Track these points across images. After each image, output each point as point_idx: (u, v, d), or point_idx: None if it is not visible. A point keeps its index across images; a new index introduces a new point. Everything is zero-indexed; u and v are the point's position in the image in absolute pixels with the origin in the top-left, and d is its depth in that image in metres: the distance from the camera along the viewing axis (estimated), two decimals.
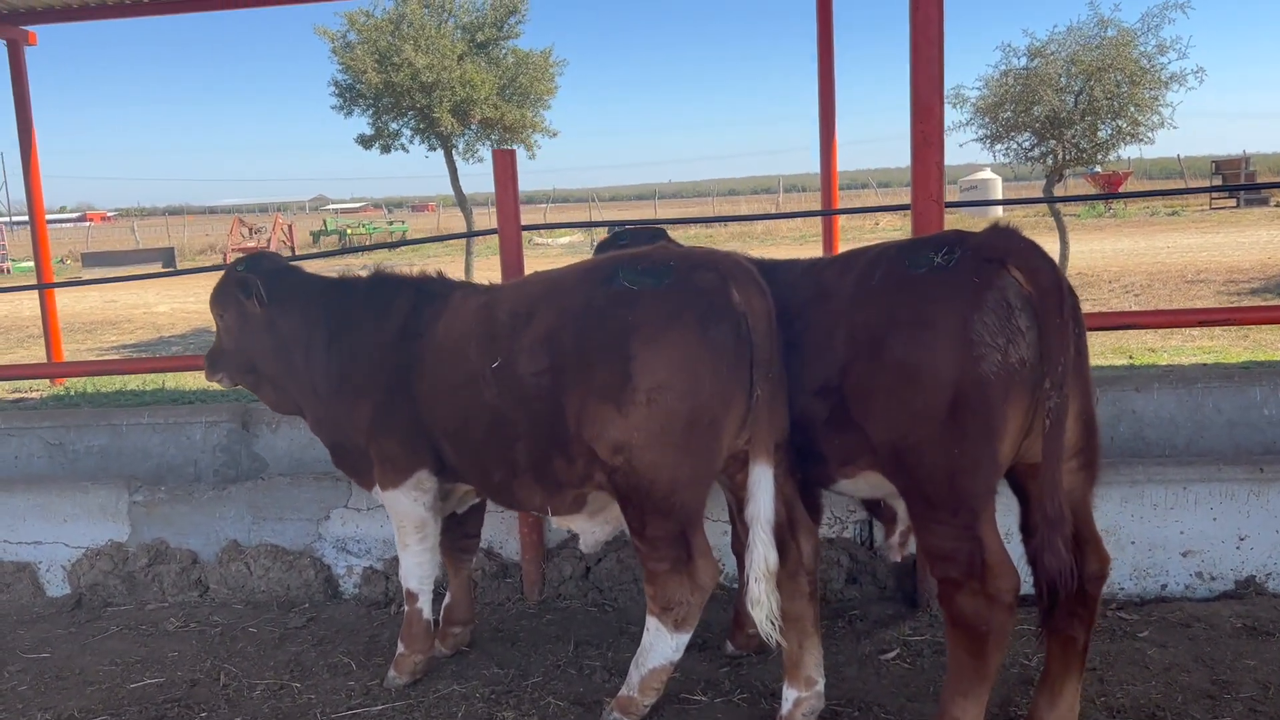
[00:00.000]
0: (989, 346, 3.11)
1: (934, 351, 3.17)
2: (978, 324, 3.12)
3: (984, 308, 3.13)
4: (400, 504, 4.26)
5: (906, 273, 3.31)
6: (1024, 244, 3.22)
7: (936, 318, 3.18)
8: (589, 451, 3.65)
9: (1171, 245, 23.83)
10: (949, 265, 3.23)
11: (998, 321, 3.12)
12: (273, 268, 4.61)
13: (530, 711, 4.03)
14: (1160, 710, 3.78)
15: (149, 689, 4.44)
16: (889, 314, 3.29)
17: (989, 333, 3.11)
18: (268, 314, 4.48)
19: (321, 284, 4.56)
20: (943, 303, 3.19)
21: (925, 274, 3.25)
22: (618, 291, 3.62)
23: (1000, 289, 3.14)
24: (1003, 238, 3.27)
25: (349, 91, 18.31)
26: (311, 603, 5.34)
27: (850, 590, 5.01)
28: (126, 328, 19.38)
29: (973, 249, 3.24)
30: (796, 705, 3.68)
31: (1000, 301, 3.13)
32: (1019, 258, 3.18)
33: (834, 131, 9.19)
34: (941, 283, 3.22)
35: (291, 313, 4.45)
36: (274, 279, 4.51)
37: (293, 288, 4.51)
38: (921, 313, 3.22)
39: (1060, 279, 3.14)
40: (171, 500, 5.54)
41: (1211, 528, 4.78)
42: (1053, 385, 3.09)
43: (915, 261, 3.30)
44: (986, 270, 3.17)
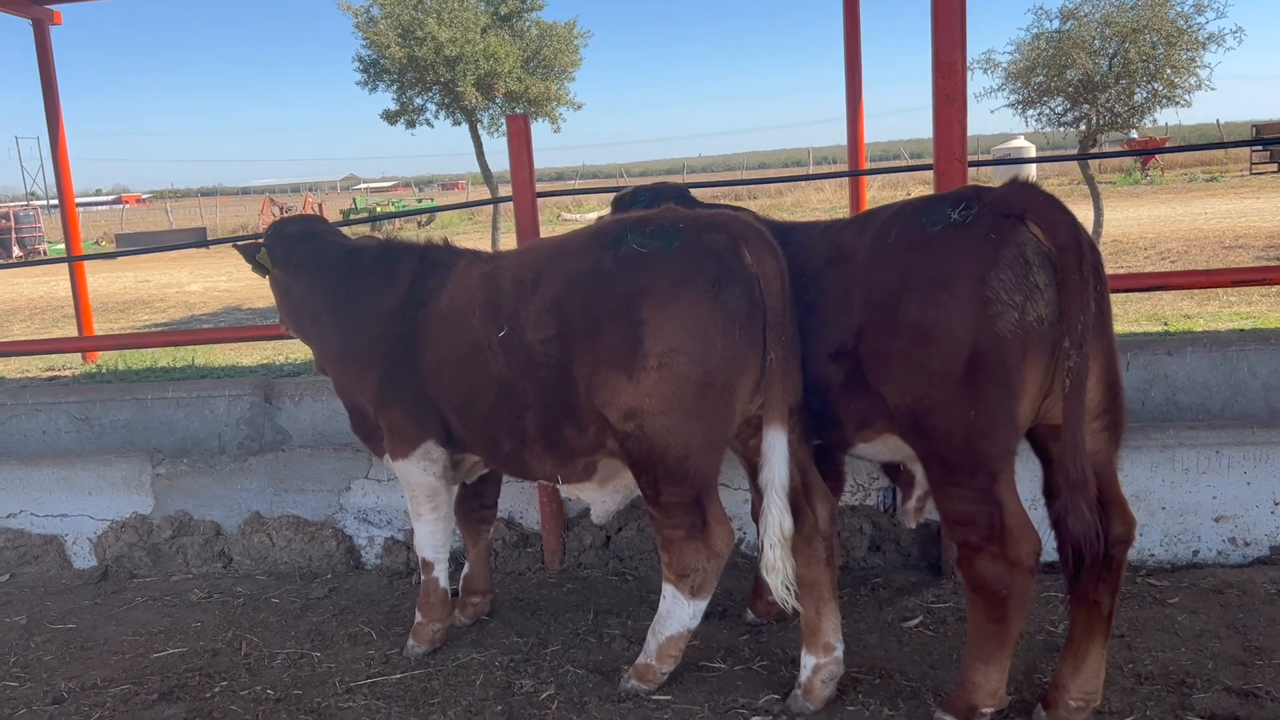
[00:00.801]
0: (1006, 304, 3.02)
1: (949, 310, 3.08)
2: (994, 281, 3.02)
3: (1001, 264, 3.03)
4: (410, 474, 4.24)
5: (922, 230, 3.21)
6: (1043, 199, 3.11)
7: (952, 276, 3.09)
8: (600, 418, 3.60)
9: (1210, 211, 23.38)
10: (965, 222, 3.13)
11: (1015, 278, 3.02)
12: (296, 232, 4.57)
13: (549, 679, 4.01)
14: (1190, 677, 3.69)
15: (171, 658, 4.47)
16: (904, 273, 3.20)
17: (1006, 290, 3.01)
18: (284, 279, 4.52)
19: (336, 251, 4.51)
20: (958, 260, 3.09)
21: (941, 231, 3.16)
22: (626, 255, 3.54)
23: (1018, 245, 3.04)
24: (1021, 192, 3.16)
25: (373, 67, 18.29)
26: (333, 573, 5.35)
27: (873, 558, 4.95)
28: (159, 306, 19.58)
29: (990, 204, 3.14)
30: (815, 672, 3.63)
31: (1018, 258, 3.03)
32: (1037, 213, 3.07)
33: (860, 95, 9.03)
34: (957, 239, 3.12)
35: (303, 279, 4.46)
36: (289, 244, 4.49)
37: (307, 254, 4.48)
38: (937, 271, 3.12)
39: (1080, 234, 3.04)
40: (194, 472, 5.56)
41: (1245, 492, 4.66)
42: (1072, 344, 2.99)
43: (932, 218, 3.21)
44: (1004, 226, 3.07)
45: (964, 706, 3.37)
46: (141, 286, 23.58)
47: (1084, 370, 2.99)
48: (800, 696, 3.64)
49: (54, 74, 11.99)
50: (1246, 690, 3.57)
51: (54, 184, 12.57)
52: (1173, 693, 3.59)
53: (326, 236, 4.60)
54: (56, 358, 12.32)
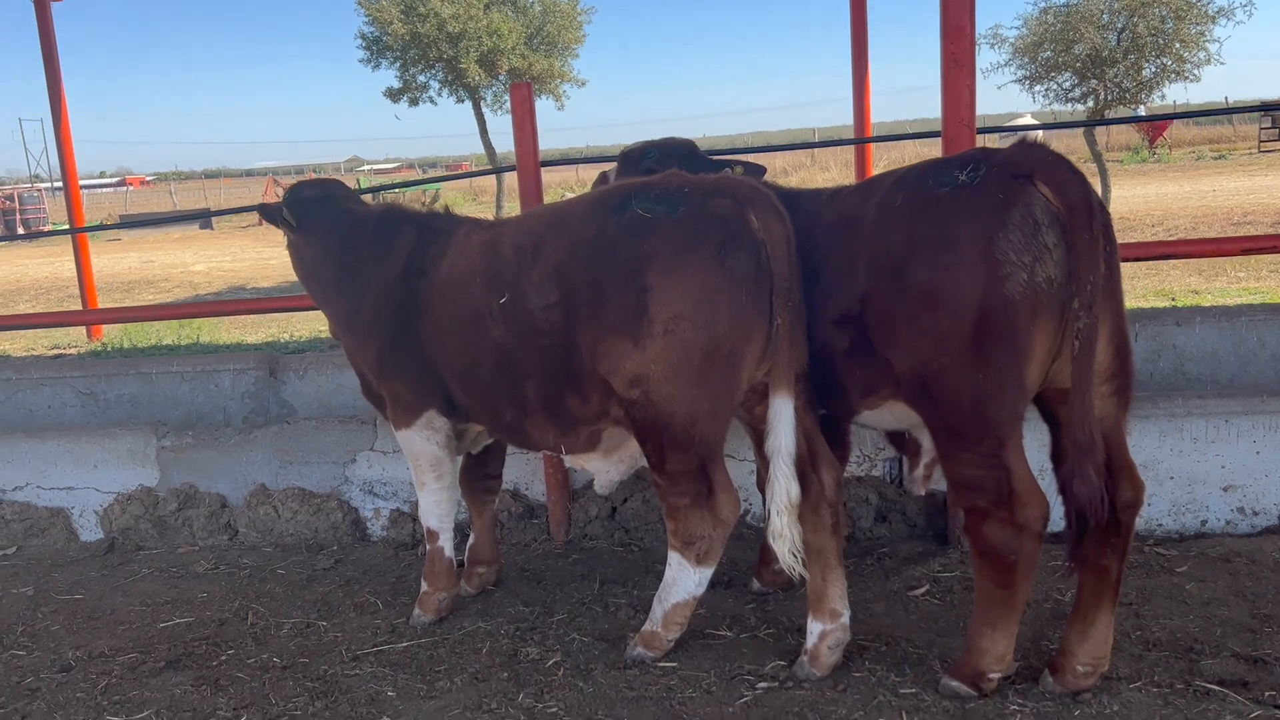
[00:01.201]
0: (1014, 265, 2.98)
1: (957, 272, 3.04)
2: (1002, 242, 2.98)
3: (1009, 225, 2.99)
4: (413, 443, 4.22)
5: (930, 192, 3.17)
6: (1052, 158, 3.07)
7: (959, 237, 3.05)
8: (604, 386, 3.58)
9: (1217, 189, 23.22)
10: (973, 183, 3.09)
11: (1023, 239, 2.98)
12: (312, 195, 4.54)
13: (555, 647, 4.01)
14: (1198, 643, 3.67)
15: (178, 628, 4.48)
16: (911, 235, 3.16)
17: (1014, 251, 2.98)
18: (297, 242, 4.50)
19: (345, 215, 4.47)
20: (966, 221, 3.05)
21: (949, 192, 3.12)
22: (631, 220, 3.51)
23: (1026, 205, 3.00)
24: (1030, 152, 3.12)
25: (376, 44, 18.25)
26: (339, 545, 5.35)
27: (879, 528, 4.93)
28: (164, 286, 19.57)
29: (998, 165, 3.10)
30: (822, 638, 3.62)
31: (1026, 218, 2.99)
32: (1046, 172, 3.03)
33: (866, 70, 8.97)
34: (965, 200, 3.08)
35: (314, 244, 4.44)
36: (304, 207, 4.46)
37: (319, 219, 4.45)
38: (944, 232, 3.09)
39: (1089, 194, 3.00)
40: (199, 445, 5.56)
41: (1254, 461, 4.63)
42: (1082, 305, 2.95)
43: (939, 180, 3.17)
44: (1012, 186, 3.03)
45: (971, 672, 3.36)
46: (146, 267, 23.56)
47: (1093, 332, 2.96)
48: (806, 663, 3.64)
49: (56, 55, 11.93)
50: (1255, 656, 3.55)
51: (57, 166, 12.55)
52: (1180, 659, 3.58)
53: (341, 202, 4.56)
54: (61, 335, 12.32)
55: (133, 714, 3.72)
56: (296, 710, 3.66)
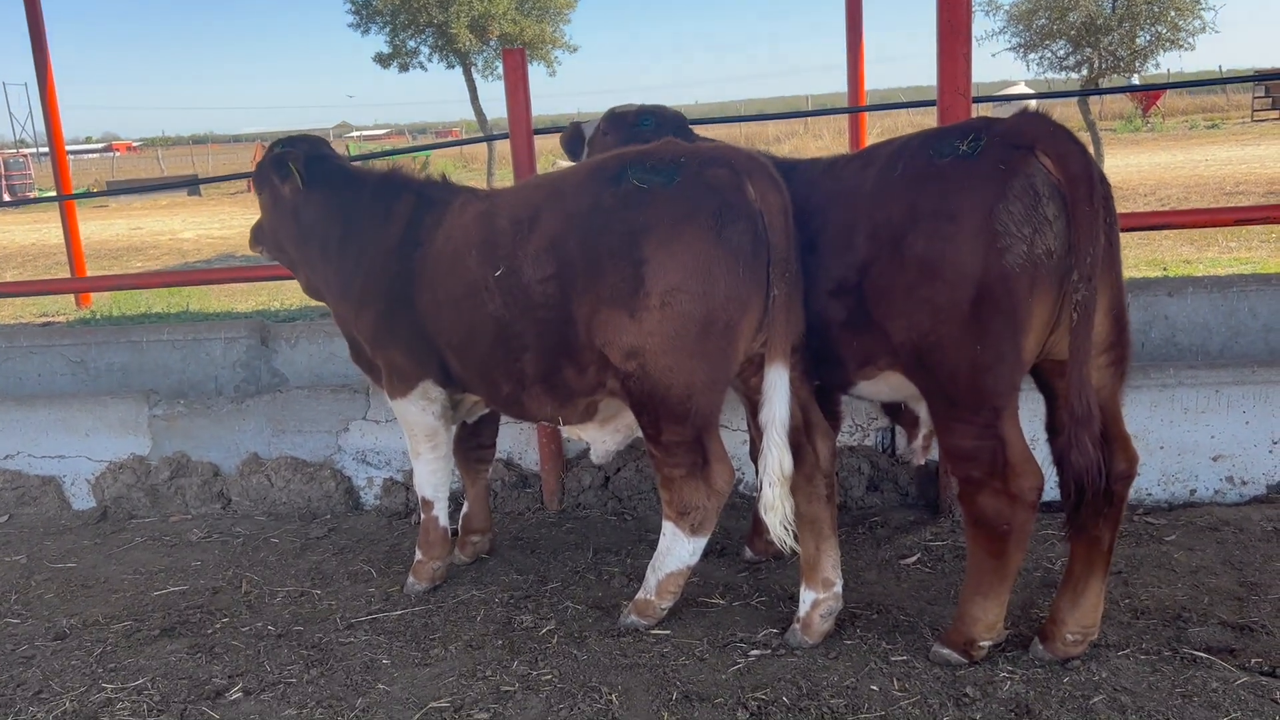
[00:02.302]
0: (1015, 237, 2.97)
1: (957, 243, 3.03)
2: (1003, 213, 2.97)
3: (1009, 196, 2.98)
4: (409, 413, 4.21)
5: (930, 162, 3.15)
6: (1053, 129, 3.05)
7: (959, 208, 3.04)
8: (601, 358, 3.57)
9: (1210, 158, 23.21)
10: (974, 153, 3.07)
11: (1024, 210, 2.97)
12: (309, 152, 4.44)
13: (548, 615, 4.03)
14: (1186, 611, 3.71)
15: (172, 596, 4.49)
16: (911, 206, 3.14)
17: (1015, 222, 2.97)
18: (294, 200, 4.37)
19: (345, 177, 4.40)
20: (966, 192, 3.04)
21: (949, 163, 3.10)
22: (626, 191, 3.48)
23: (1027, 176, 2.99)
24: (1031, 123, 3.10)
25: (365, 8, 18.03)
26: (332, 514, 5.36)
27: (871, 497, 4.96)
28: (152, 254, 19.45)
29: (999, 135, 3.08)
30: (814, 607, 3.65)
31: (1027, 189, 2.98)
32: (1048, 143, 3.02)
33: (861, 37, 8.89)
34: (965, 171, 3.06)
35: (314, 203, 4.34)
36: (308, 164, 4.36)
37: (318, 176, 4.36)
38: (944, 203, 3.07)
39: (1091, 165, 2.99)
40: (191, 414, 5.55)
41: (1243, 431, 4.66)
42: (1081, 277, 2.95)
43: (940, 150, 3.15)
44: (1013, 157, 3.01)
45: (962, 640, 3.39)
46: (134, 234, 23.40)
47: (1092, 303, 2.96)
48: (799, 631, 3.66)
49: (41, 20, 11.77)
50: (1241, 624, 3.59)
51: (43, 131, 12.42)
52: (1168, 626, 3.62)
53: (337, 161, 4.50)
54: (50, 304, 12.25)
55: (128, 682, 3.73)
56: (291, 678, 3.68)
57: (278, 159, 4.35)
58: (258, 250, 4.71)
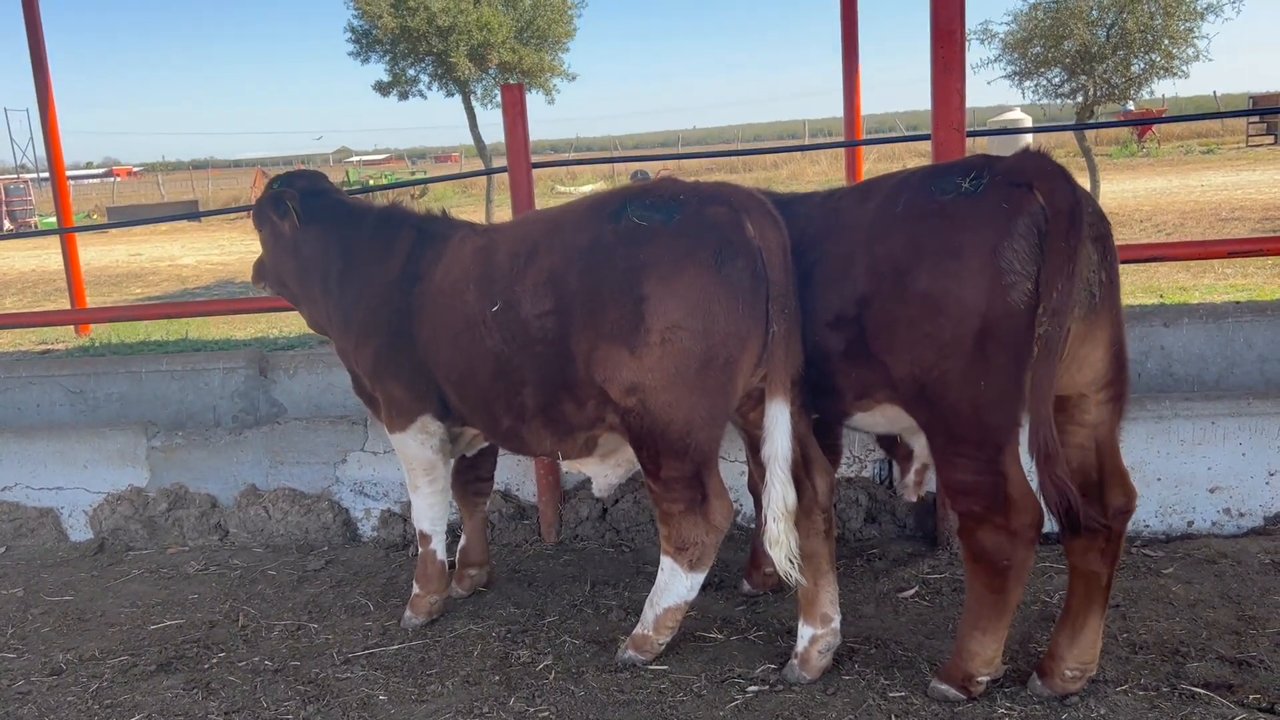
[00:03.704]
0: (1019, 275, 2.99)
1: (962, 281, 3.05)
2: (1008, 251, 2.99)
3: (1014, 234, 3.00)
4: (407, 447, 4.22)
5: (932, 199, 3.17)
6: (1051, 167, 3.08)
7: (964, 246, 3.06)
8: (600, 394, 3.59)
9: (1205, 184, 23.33)
10: (977, 191, 3.10)
11: (1028, 249, 2.99)
12: (306, 188, 4.49)
13: (546, 650, 4.02)
14: (1184, 645, 3.71)
15: (169, 630, 4.48)
16: (914, 242, 3.16)
17: (1020, 260, 2.99)
18: (293, 236, 4.41)
19: (344, 211, 4.44)
20: (971, 230, 3.06)
21: (952, 200, 3.13)
22: (626, 228, 3.51)
23: (1030, 215, 3.01)
24: (1030, 161, 3.13)
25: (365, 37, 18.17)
26: (330, 545, 5.36)
27: (869, 529, 4.96)
28: (152, 280, 19.50)
29: (1001, 174, 3.11)
30: (813, 642, 3.64)
31: (1031, 228, 3.00)
32: (1041, 180, 3.05)
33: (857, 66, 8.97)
34: (970, 209, 3.09)
35: (313, 238, 4.38)
36: (303, 200, 4.40)
37: (317, 212, 4.40)
38: (949, 240, 3.09)
39: (1076, 203, 3.00)
40: (189, 445, 5.55)
41: (1240, 463, 4.67)
42: (1046, 311, 2.97)
43: (941, 187, 3.17)
44: (1016, 195, 3.04)
45: (960, 675, 3.39)
46: (134, 260, 23.46)
47: (1056, 339, 2.96)
48: (797, 666, 3.66)
49: (43, 45, 11.84)
50: (1240, 659, 3.59)
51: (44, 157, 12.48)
52: (1167, 661, 3.61)
53: (337, 196, 4.55)
54: (49, 331, 12.25)
55: (124, 718, 3.71)
56: (288, 714, 3.66)
57: (275, 197, 4.39)
58: (260, 286, 4.74)
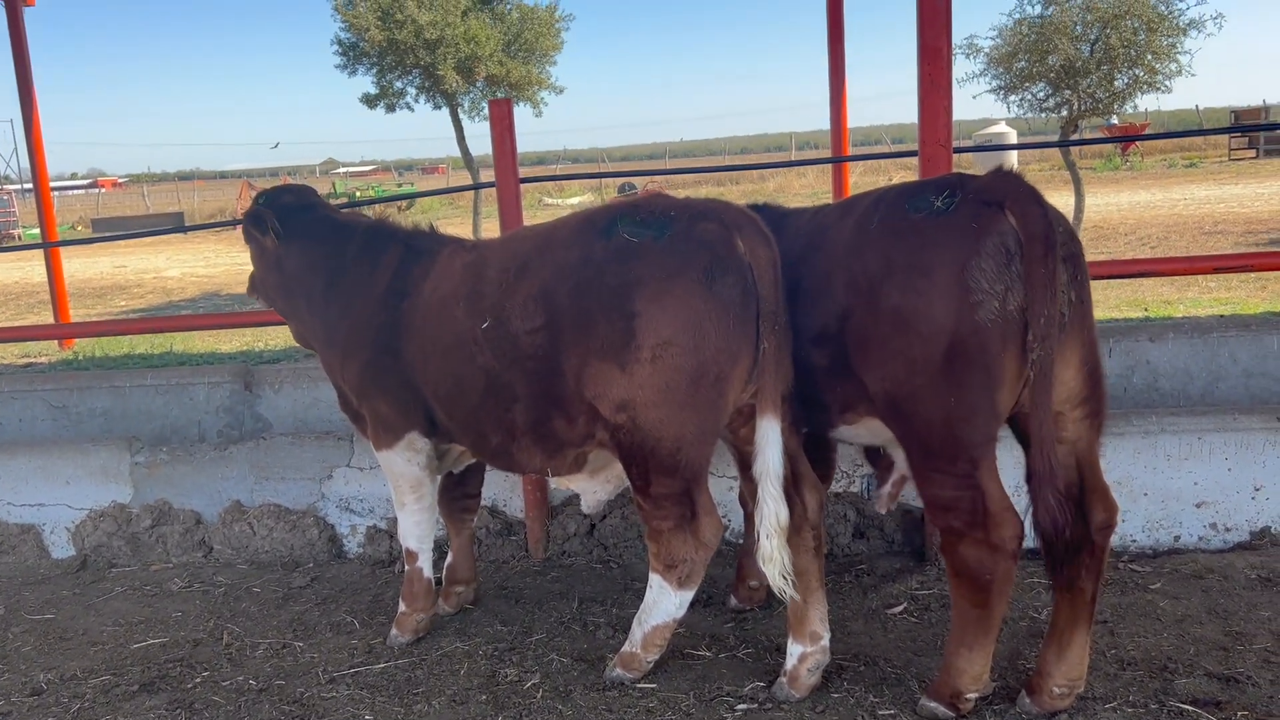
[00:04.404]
0: (987, 293, 3.02)
1: (930, 298, 3.08)
2: (975, 270, 3.03)
3: (982, 254, 3.03)
4: (394, 464, 4.20)
5: (905, 217, 3.21)
6: (1022, 189, 3.12)
7: (933, 263, 3.09)
8: (590, 410, 3.57)
9: (1189, 197, 23.52)
10: (949, 209, 3.12)
11: (996, 268, 3.02)
12: (290, 203, 4.49)
13: (533, 668, 4.00)
14: (1172, 662, 3.71)
15: (152, 649, 4.43)
16: (886, 259, 3.20)
17: (987, 279, 3.02)
18: (276, 252, 4.43)
19: (330, 227, 4.43)
20: (940, 248, 3.09)
21: (924, 218, 3.15)
22: (617, 245, 3.50)
23: (999, 234, 3.04)
24: (1002, 181, 3.16)
25: (352, 50, 18.14)
26: (315, 562, 5.31)
27: (857, 544, 4.95)
28: (136, 293, 19.39)
29: (973, 193, 3.14)
30: (801, 660, 3.63)
31: (999, 247, 3.03)
32: (1014, 202, 3.07)
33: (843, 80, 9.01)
34: (940, 227, 3.11)
35: (296, 254, 4.38)
36: (287, 216, 4.40)
37: (300, 228, 4.40)
38: (918, 258, 3.12)
39: (1050, 227, 3.03)
40: (173, 461, 5.51)
41: (1226, 478, 4.68)
42: (1036, 338, 3.00)
43: (915, 205, 3.20)
44: (985, 215, 3.07)
45: (948, 692, 3.38)
46: (118, 272, 23.33)
47: (1049, 363, 3.01)
48: (786, 684, 3.64)
49: (28, 56, 11.80)
50: (1228, 675, 3.59)
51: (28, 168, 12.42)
52: (1155, 678, 3.61)
53: (324, 211, 4.54)
54: (32, 344, 12.17)
55: None
56: None
57: (255, 214, 4.42)
58: (254, 297, 4.76)
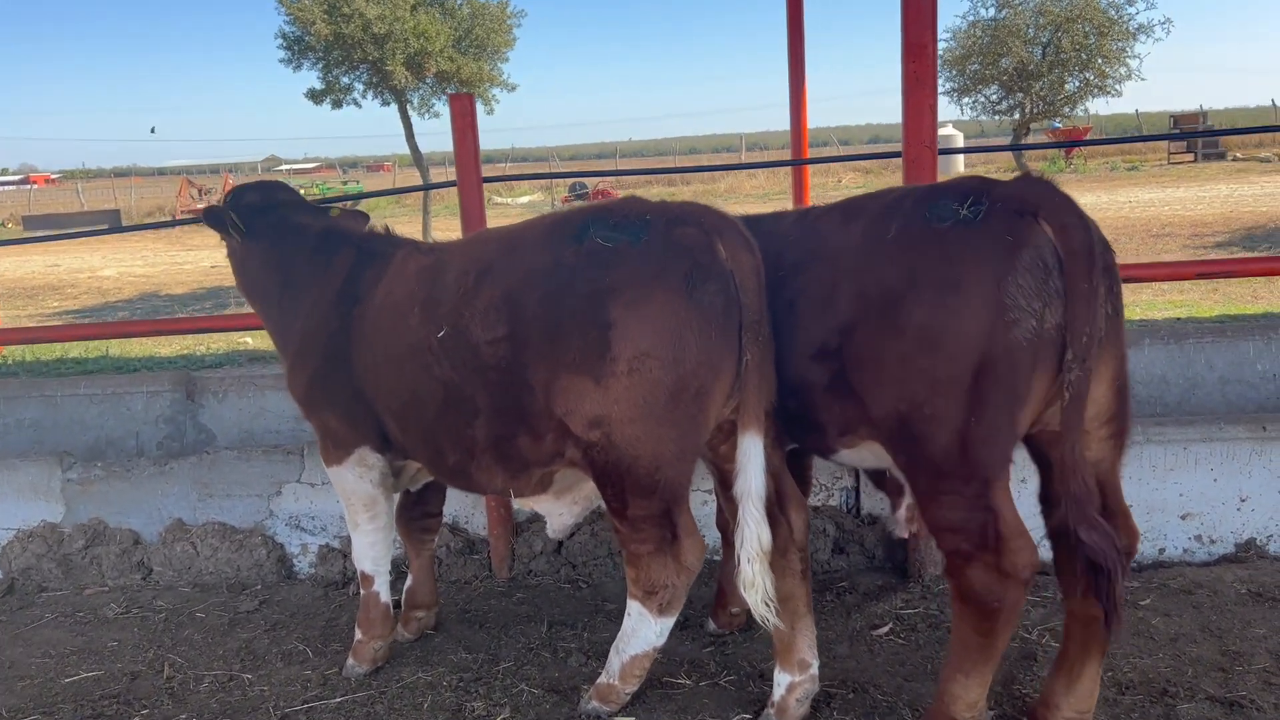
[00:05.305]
0: (1024, 311, 2.80)
1: (962, 316, 2.84)
2: (1012, 286, 2.79)
3: (1019, 268, 2.80)
4: (345, 481, 3.92)
5: (928, 226, 2.96)
6: (1058, 198, 2.89)
7: (965, 278, 2.85)
8: (560, 427, 3.32)
9: (1134, 200, 23.82)
10: (976, 219, 2.90)
11: (1034, 284, 2.80)
12: (255, 201, 4.21)
13: (502, 700, 3.74)
14: (1171, 685, 3.56)
15: (85, 683, 4.10)
16: (908, 272, 2.95)
17: (1025, 296, 2.79)
18: (240, 251, 4.20)
19: (288, 226, 4.16)
20: (972, 261, 2.86)
21: (950, 228, 2.91)
22: (590, 250, 3.26)
23: (1036, 247, 2.81)
24: (1034, 189, 2.93)
25: (297, 44, 17.64)
26: (264, 584, 5.00)
27: (838, 560, 4.76)
28: (70, 293, 18.70)
29: (1002, 201, 2.92)
30: (790, 690, 3.42)
31: (1036, 261, 2.80)
32: (1050, 213, 2.85)
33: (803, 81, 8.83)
34: (970, 239, 2.88)
35: (257, 254, 4.13)
36: (250, 214, 4.13)
37: (261, 227, 4.13)
38: (948, 272, 2.88)
39: (1092, 239, 2.83)
40: (109, 477, 5.16)
41: (1212, 489, 4.58)
42: (1075, 358, 2.80)
43: (937, 214, 2.96)
44: (1019, 226, 2.84)
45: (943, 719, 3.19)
46: (51, 271, 22.52)
47: (1085, 385, 2.81)
48: (773, 716, 3.43)
49: None
50: (1230, 699, 3.46)
51: None
52: (1156, 703, 3.47)
53: (286, 210, 4.24)
54: None
55: None
56: None
57: (214, 212, 4.12)
58: None
